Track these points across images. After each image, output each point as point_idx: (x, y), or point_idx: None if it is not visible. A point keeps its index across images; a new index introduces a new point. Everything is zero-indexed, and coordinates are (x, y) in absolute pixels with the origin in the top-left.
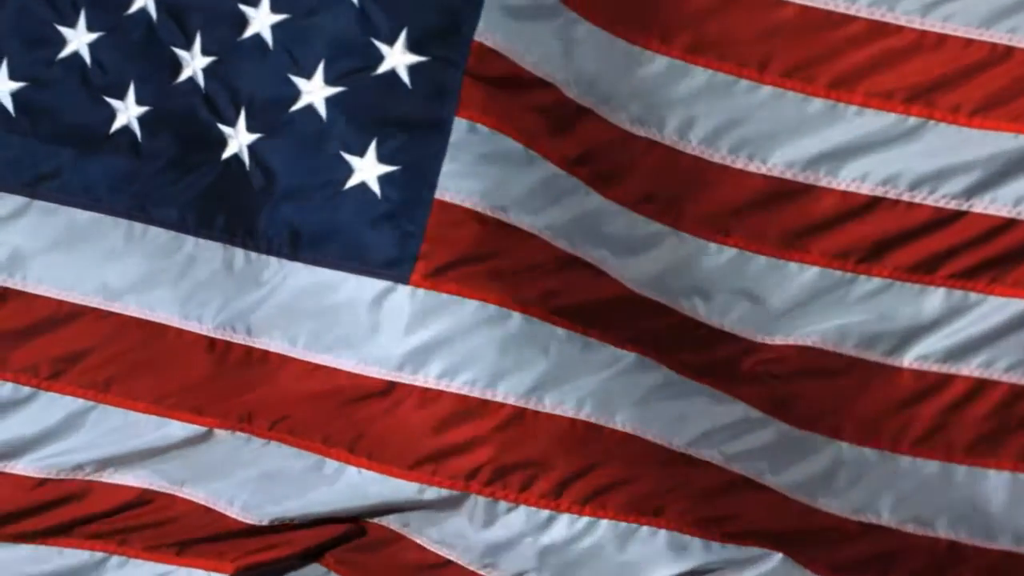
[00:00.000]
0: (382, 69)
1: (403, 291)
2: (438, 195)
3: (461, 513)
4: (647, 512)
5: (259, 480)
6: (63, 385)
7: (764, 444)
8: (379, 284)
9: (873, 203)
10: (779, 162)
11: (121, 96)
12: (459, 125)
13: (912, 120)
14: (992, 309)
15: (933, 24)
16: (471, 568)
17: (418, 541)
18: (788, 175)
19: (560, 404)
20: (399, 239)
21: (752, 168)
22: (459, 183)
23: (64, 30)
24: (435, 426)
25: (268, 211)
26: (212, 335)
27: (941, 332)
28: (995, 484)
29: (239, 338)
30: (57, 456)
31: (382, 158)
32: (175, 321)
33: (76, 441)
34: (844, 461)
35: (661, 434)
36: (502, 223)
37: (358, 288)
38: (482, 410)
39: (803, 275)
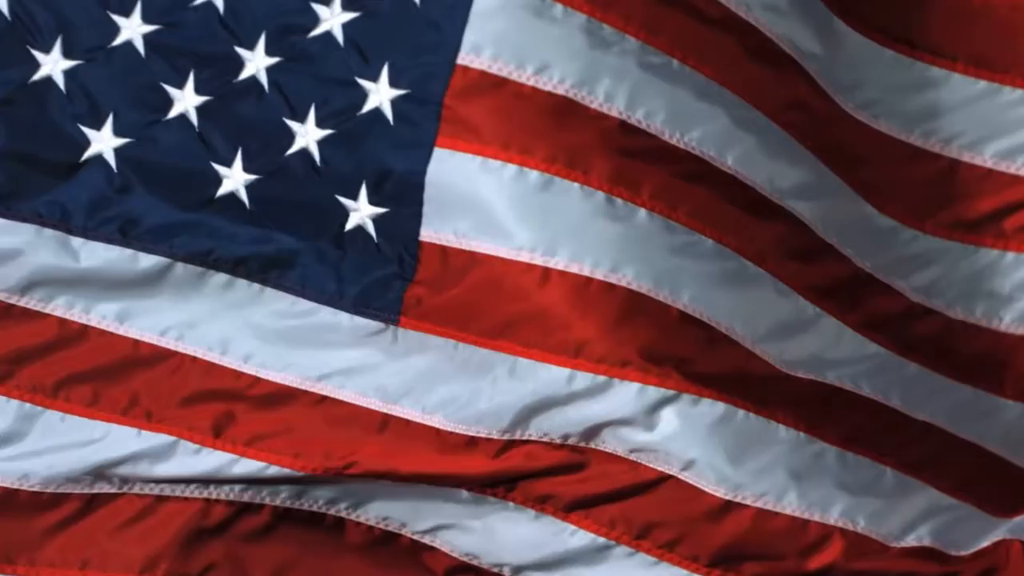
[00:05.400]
0: (367, 108)
1: (391, 332)
2: (423, 235)
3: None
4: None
5: None
6: None
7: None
8: (371, 324)
9: None
10: None
11: (98, 126)
12: (439, 156)
13: None
14: None
15: None
16: None
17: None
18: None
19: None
20: (390, 281)
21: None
22: (438, 221)
23: (38, 54)
24: None
25: (265, 248)
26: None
27: None
28: None
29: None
30: None
31: (373, 200)
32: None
33: None
34: None
35: None
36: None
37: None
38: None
39: None
